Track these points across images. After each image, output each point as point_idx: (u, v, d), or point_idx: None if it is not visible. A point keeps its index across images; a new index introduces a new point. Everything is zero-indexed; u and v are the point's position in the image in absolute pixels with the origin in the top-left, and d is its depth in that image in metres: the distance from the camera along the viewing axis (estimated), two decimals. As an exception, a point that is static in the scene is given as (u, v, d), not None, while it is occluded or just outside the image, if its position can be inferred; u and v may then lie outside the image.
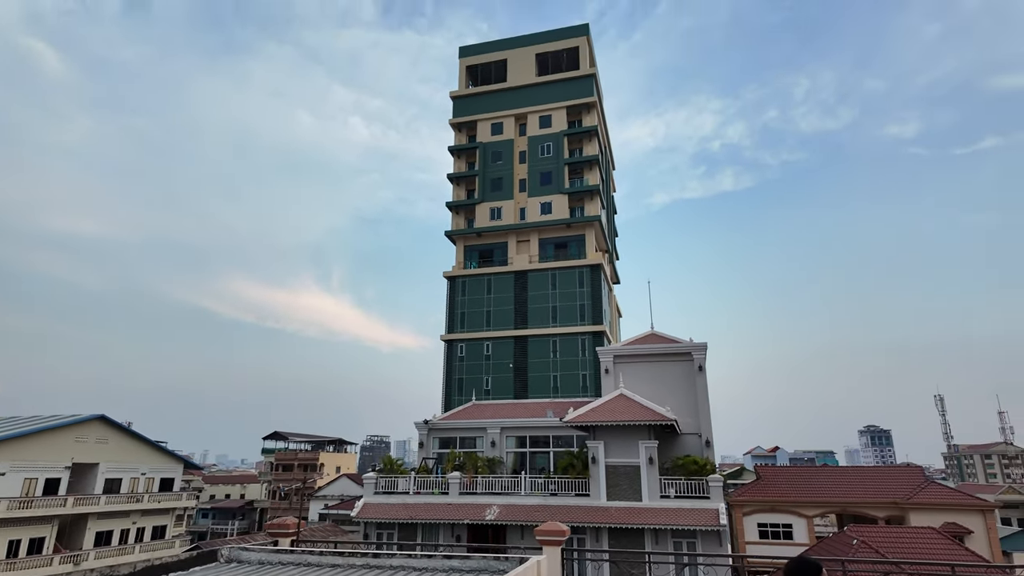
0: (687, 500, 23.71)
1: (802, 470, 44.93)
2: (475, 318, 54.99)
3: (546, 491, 25.63)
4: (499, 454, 30.10)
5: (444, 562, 7.31)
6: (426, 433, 31.38)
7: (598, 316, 52.43)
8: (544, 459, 30.26)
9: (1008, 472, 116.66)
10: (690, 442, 28.42)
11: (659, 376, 30.18)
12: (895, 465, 40.50)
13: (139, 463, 45.91)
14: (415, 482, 26.93)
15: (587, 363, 51.31)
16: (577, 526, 23.25)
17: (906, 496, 33.95)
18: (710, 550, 22.16)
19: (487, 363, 53.70)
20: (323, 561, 7.64)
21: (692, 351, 30.19)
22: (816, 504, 36.56)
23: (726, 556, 15.43)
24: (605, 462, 25.10)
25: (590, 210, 56.08)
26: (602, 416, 25.38)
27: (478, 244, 57.91)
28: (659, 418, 24.61)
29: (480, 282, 55.88)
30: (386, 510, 25.43)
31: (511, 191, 57.68)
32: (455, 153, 60.79)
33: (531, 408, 34.22)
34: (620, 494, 24.48)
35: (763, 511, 37.12)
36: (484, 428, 31.02)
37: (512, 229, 56.35)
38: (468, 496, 25.92)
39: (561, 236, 56.21)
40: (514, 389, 51.06)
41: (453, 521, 24.51)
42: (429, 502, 25.64)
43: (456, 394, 51.96)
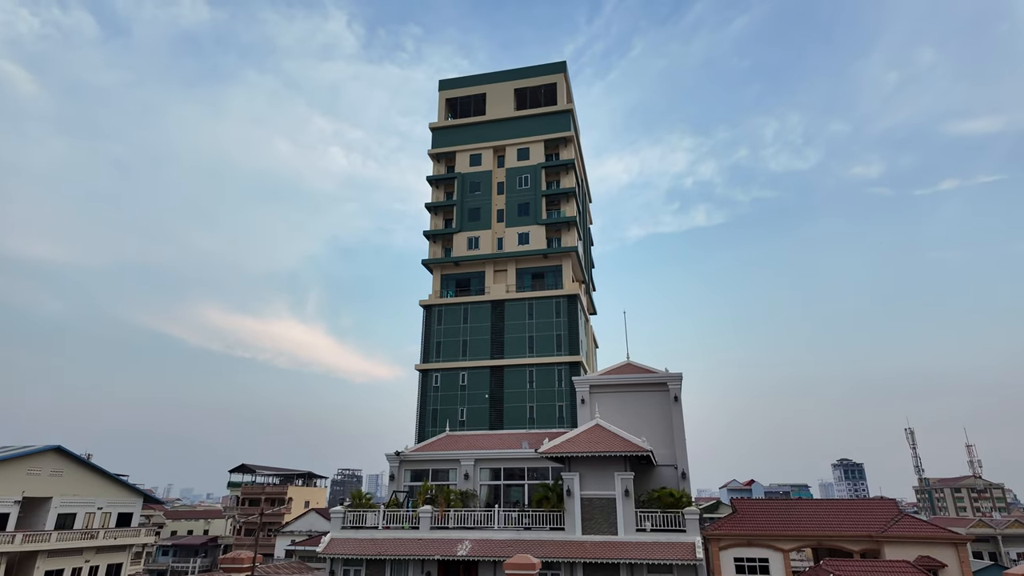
0: (663, 533, 23.29)
1: (778, 503, 44.57)
2: (451, 347, 54.41)
3: (520, 525, 24.95)
4: (472, 486, 29.36)
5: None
6: (397, 465, 30.52)
7: (575, 346, 52.29)
8: (519, 492, 29.60)
9: (977, 505, 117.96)
10: (666, 474, 28.11)
11: (635, 406, 29.97)
12: (869, 498, 40.60)
13: (96, 497, 43.74)
14: (384, 516, 26.02)
15: (564, 394, 50.92)
16: (551, 561, 22.59)
17: (880, 529, 33.83)
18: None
19: (462, 393, 52.94)
20: (275, 600, 7.15)
21: (668, 381, 30.11)
22: (792, 538, 36.18)
23: None
24: (580, 494, 24.60)
25: (567, 241, 56.46)
26: (578, 447, 24.97)
27: (455, 273, 57.70)
28: (635, 449, 24.30)
29: (456, 311, 55.50)
30: (353, 546, 24.42)
31: (489, 221, 57.89)
32: (433, 183, 61.01)
33: (506, 439, 33.63)
34: (595, 527, 23.94)
35: (740, 545, 36.55)
36: (457, 460, 30.30)
37: (489, 259, 56.35)
38: (439, 531, 25.08)
39: (538, 266, 56.34)
40: (490, 420, 50.31)
41: (423, 557, 23.62)
42: (398, 537, 24.73)
43: (430, 425, 50.96)
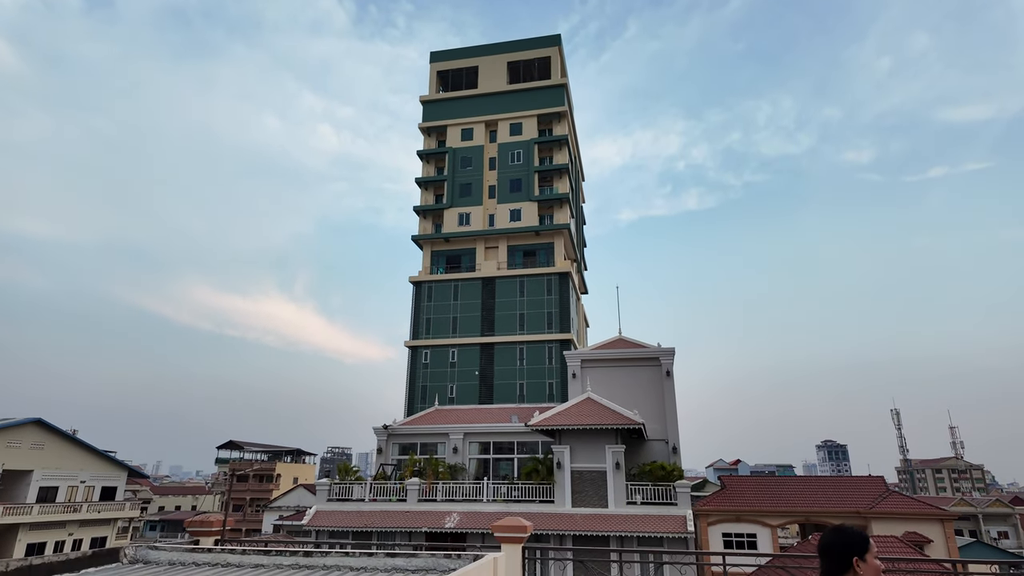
0: (654, 507, 23.08)
1: (767, 480, 44.86)
2: (441, 324, 53.87)
3: (509, 497, 24.67)
4: (461, 460, 29.03)
5: (385, 560, 6.36)
6: (385, 439, 30.10)
7: (566, 324, 51.93)
8: (508, 466, 29.32)
9: (957, 486, 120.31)
10: (657, 448, 27.89)
11: (627, 381, 29.65)
12: (858, 476, 40.96)
13: (79, 470, 43.11)
14: (371, 489, 25.64)
15: (554, 371, 50.66)
16: (541, 533, 22.33)
17: (868, 505, 34.01)
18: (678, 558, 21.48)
19: (452, 370, 52.55)
20: (245, 561, 6.60)
21: (660, 356, 29.78)
22: (781, 514, 36.36)
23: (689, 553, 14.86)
24: (571, 467, 24.31)
25: (559, 218, 55.77)
26: (569, 420, 24.62)
27: (445, 250, 56.93)
28: (627, 422, 23.98)
29: (447, 288, 54.85)
30: (339, 518, 24.05)
31: (480, 197, 57.01)
32: (424, 157, 59.90)
33: (495, 413, 33.27)
34: (586, 500, 23.69)
35: (728, 521, 36.71)
36: (446, 434, 29.93)
37: (480, 235, 55.60)
38: (427, 503, 24.76)
39: (530, 243, 55.68)
40: (479, 397, 50.03)
41: (411, 529, 23.30)
42: (385, 510, 24.38)
43: (420, 402, 50.59)
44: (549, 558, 7.68)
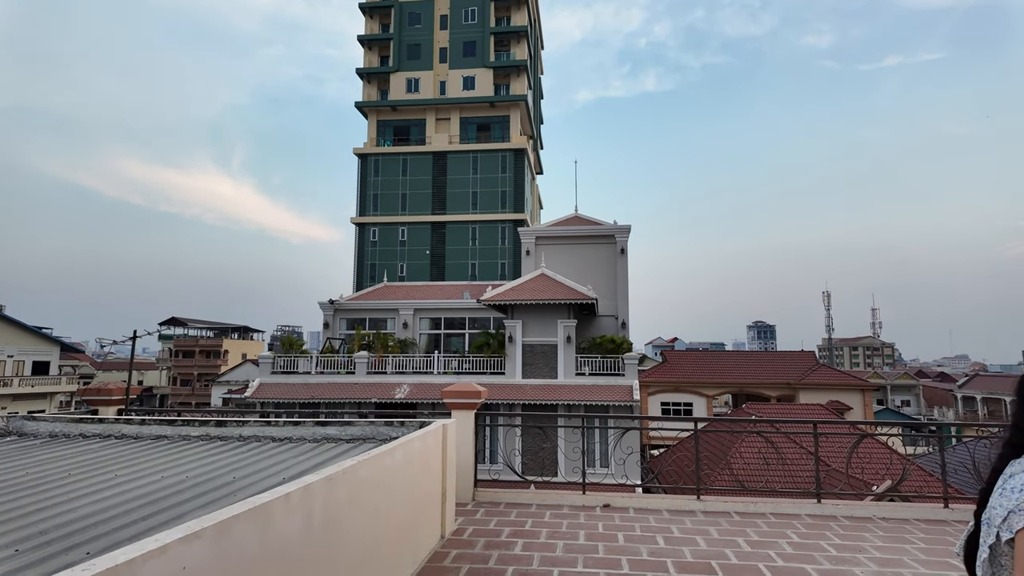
0: (602, 377, 23.50)
1: (706, 354, 47.29)
2: (389, 201, 51.38)
3: (460, 370, 24.61)
4: (412, 336, 28.60)
5: (315, 429, 5.45)
6: (332, 314, 29.13)
7: (520, 204, 50.43)
8: (459, 341, 29.13)
9: (870, 361, 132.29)
10: (607, 323, 28.08)
11: (581, 258, 29.13)
12: (790, 350, 43.60)
13: (4, 345, 40.85)
14: (318, 362, 25.03)
15: (507, 252, 49.92)
16: (491, 403, 22.55)
17: (798, 378, 36.34)
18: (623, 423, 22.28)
19: (402, 249, 51.02)
20: (144, 432, 5.57)
21: (615, 233, 29.14)
22: (717, 385, 38.60)
23: (632, 418, 15.23)
24: (522, 341, 24.22)
25: (516, 89, 52.17)
26: (522, 295, 24.12)
27: (393, 119, 52.97)
28: (580, 297, 23.68)
29: (395, 162, 51.71)
30: (284, 390, 23.55)
31: (430, 61, 52.29)
32: (367, 11, 53.74)
33: (447, 290, 32.58)
34: (536, 372, 23.89)
35: (667, 391, 38.84)
36: (396, 309, 29.16)
37: (431, 104, 51.70)
38: (377, 376, 24.46)
39: (484, 116, 52.31)
40: (431, 276, 49.16)
41: (360, 400, 23.10)
42: (333, 382, 23.97)
43: (368, 281, 49.34)
44: (499, 424, 7.35)
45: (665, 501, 6.09)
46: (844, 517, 5.66)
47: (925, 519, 5.58)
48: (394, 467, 3.96)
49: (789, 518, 5.63)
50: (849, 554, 4.59)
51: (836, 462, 14.83)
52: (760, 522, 5.48)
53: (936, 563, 4.40)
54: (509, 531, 5.16)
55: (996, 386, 50.90)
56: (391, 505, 3.86)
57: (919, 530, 5.24)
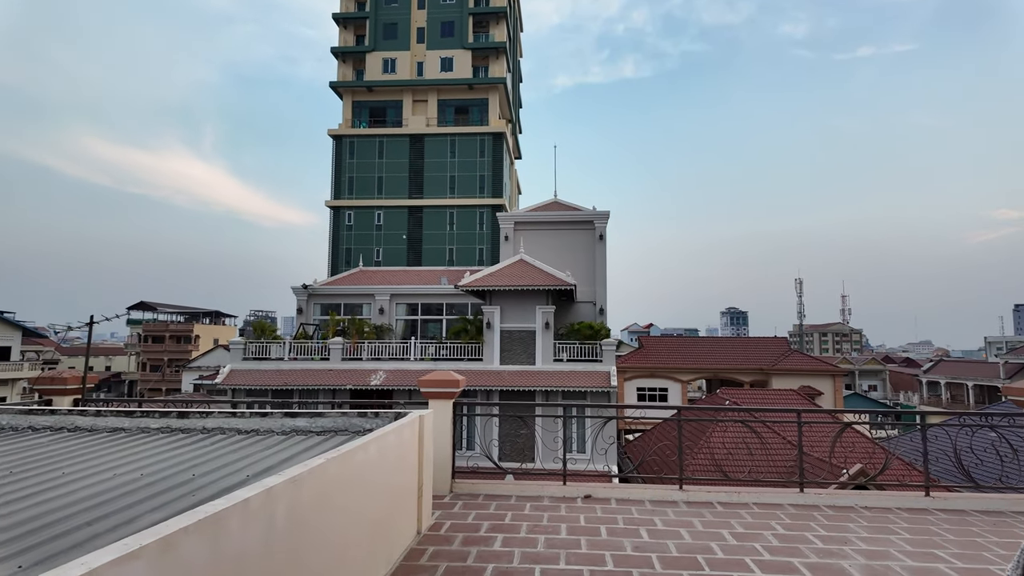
0: (580, 363, 23.47)
1: (681, 340, 47.75)
2: (365, 184, 50.43)
3: (438, 356, 24.36)
4: (388, 321, 28.20)
5: (283, 421, 5.17)
6: (306, 299, 28.54)
7: (498, 189, 49.96)
8: (436, 327, 28.83)
9: (839, 347, 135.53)
10: (585, 309, 28.06)
11: (559, 244, 28.99)
12: (764, 336, 44.26)
13: (-39, 331, 39.29)
14: (291, 348, 24.52)
15: (485, 237, 49.50)
16: (469, 389, 22.38)
17: (771, 363, 36.90)
18: (599, 410, 22.33)
19: (378, 233, 50.23)
20: (99, 424, 5.22)
21: (594, 219, 29.05)
22: (692, 370, 39.02)
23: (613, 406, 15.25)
24: (500, 327, 24.03)
25: (495, 71, 51.43)
26: (501, 280, 23.89)
27: (369, 100, 51.83)
28: (559, 283, 23.55)
29: (371, 144, 50.69)
30: (256, 376, 23.01)
31: (407, 41, 51.19)
32: (343, -12, 52.28)
33: (424, 275, 32.20)
34: (514, 358, 23.75)
35: (643, 376, 39.13)
36: (372, 295, 28.70)
37: (408, 86, 50.69)
38: (352, 362, 24.06)
39: (462, 99, 51.51)
40: (407, 261, 48.55)
41: (334, 387, 22.70)
42: (307, 368, 23.51)
43: (343, 265, 48.52)
44: (477, 414, 7.13)
45: (647, 491, 5.97)
46: (827, 507, 5.60)
47: (907, 508, 5.55)
48: (367, 463, 3.72)
49: (773, 508, 5.55)
50: (835, 546, 4.51)
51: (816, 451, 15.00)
52: (744, 512, 5.38)
53: (922, 555, 4.34)
54: (488, 525, 4.97)
55: (959, 371, 52.49)
56: (363, 504, 3.62)
57: (902, 519, 5.20)
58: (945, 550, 4.43)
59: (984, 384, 47.28)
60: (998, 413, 5.63)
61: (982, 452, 5.64)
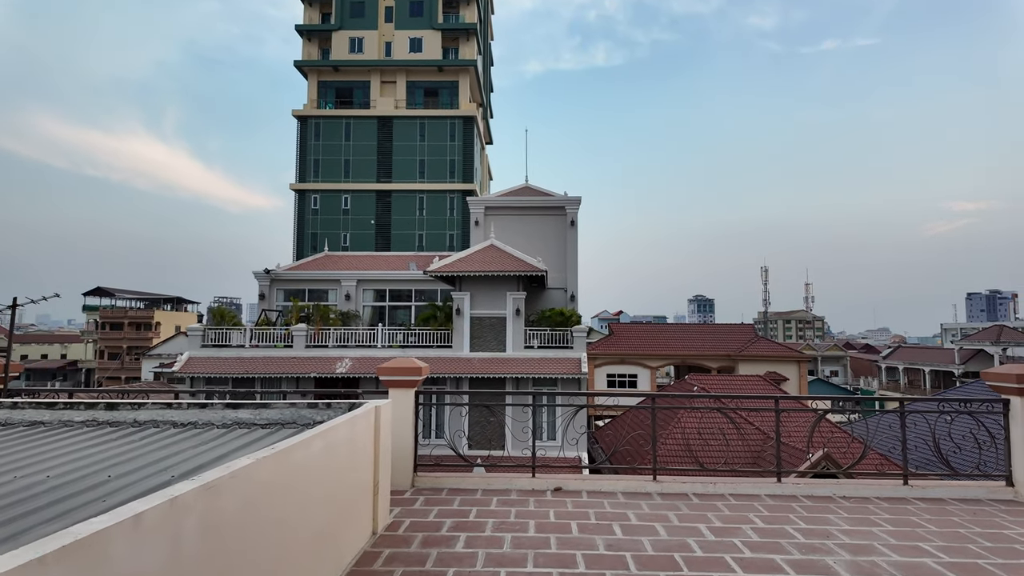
0: (551, 350, 23.25)
1: (651, 327, 48.08)
2: (331, 167, 49.15)
3: (406, 343, 23.83)
4: (355, 308, 27.49)
5: (225, 413, 4.69)
6: (268, 284, 27.61)
7: (469, 174, 49.26)
8: (405, 314, 28.26)
9: (802, 334, 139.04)
10: (556, 296, 27.81)
11: (530, 230, 28.61)
12: (731, 323, 44.94)
13: None
14: (252, 335, 23.67)
15: (455, 223, 48.85)
16: (437, 376, 21.98)
17: (738, 350, 37.38)
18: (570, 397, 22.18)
19: (345, 218, 49.09)
20: (15, 418, 4.66)
21: (566, 205, 28.74)
22: (661, 356, 39.30)
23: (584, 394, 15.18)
24: (470, 314, 23.60)
25: (465, 53, 50.49)
26: (471, 266, 23.42)
27: (335, 81, 50.39)
28: (530, 269, 23.20)
29: (337, 125, 49.36)
30: (216, 364, 22.14)
31: (375, 20, 49.82)
32: (307, -38, 50.46)
33: (392, 261, 31.49)
34: (484, 345, 23.38)
35: (613, 363, 39.26)
36: (338, 280, 27.92)
37: (376, 66, 49.42)
38: (317, 349, 23.36)
39: (432, 81, 50.48)
40: (376, 246, 47.60)
41: (298, 375, 22.02)
42: (269, 355, 22.73)
43: (309, 250, 47.32)
44: (445, 404, 6.83)
45: (620, 483, 5.68)
46: (805, 497, 5.40)
47: (886, 497, 5.38)
48: (310, 461, 3.29)
49: (750, 499, 5.31)
50: (818, 540, 4.27)
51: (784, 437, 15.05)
52: (720, 505, 5.13)
53: (908, 548, 4.13)
54: (451, 523, 4.60)
55: (916, 357, 54.24)
56: (305, 508, 3.20)
57: (883, 510, 5.01)
58: (930, 543, 4.24)
59: (940, 369, 48.94)
60: (978, 399, 5.49)
61: (960, 439, 5.50)
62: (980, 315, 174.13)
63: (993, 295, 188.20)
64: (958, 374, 46.01)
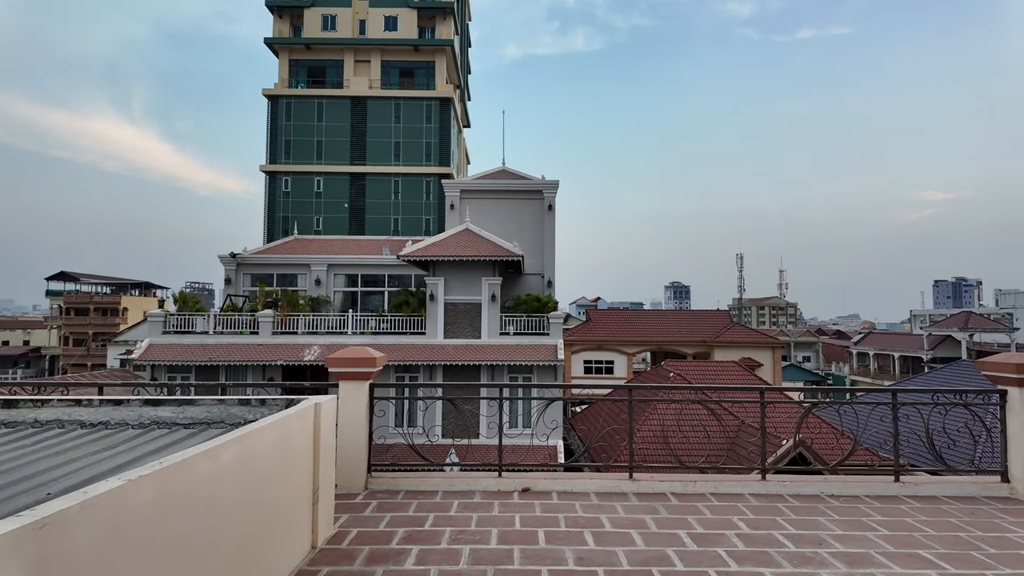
0: (527, 336, 22.81)
1: (627, 313, 48.04)
2: (303, 148, 47.74)
3: (378, 329, 23.16)
4: (326, 293, 26.68)
5: (143, 411, 4.09)
6: (234, 268, 26.61)
7: (446, 157, 48.28)
8: (378, 300, 27.53)
9: (775, 320, 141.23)
10: (533, 282, 27.36)
11: (507, 214, 28.03)
12: (707, 310, 45.08)
13: None
14: (217, 321, 22.75)
15: (432, 207, 47.94)
16: (410, 364, 21.42)
17: (714, 335, 37.44)
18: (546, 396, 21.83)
19: (318, 201, 47.83)
20: None
21: (543, 189, 28.20)
22: (637, 343, 39.22)
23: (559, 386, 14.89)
24: (444, 299, 23.00)
25: (442, 32, 49.27)
26: (445, 251, 22.79)
27: (307, 59, 48.80)
28: (506, 254, 22.66)
29: (309, 106, 47.89)
30: (178, 352, 21.24)
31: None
32: (277, -66, 48.51)
33: (364, 245, 30.67)
34: (459, 332, 22.84)
35: (590, 349, 39.08)
36: (307, 265, 27.04)
37: (349, 44, 47.95)
38: (284, 336, 22.57)
39: (407, 61, 49.21)
40: (349, 230, 46.50)
41: (265, 363, 21.24)
42: (234, 342, 21.87)
43: (280, 234, 45.95)
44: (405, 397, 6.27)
45: (593, 482, 5.23)
46: (791, 496, 5.01)
47: (877, 495, 5.02)
48: (223, 470, 2.74)
49: (733, 499, 4.91)
50: (809, 549, 3.86)
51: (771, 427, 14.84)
52: (702, 506, 4.71)
53: (907, 557, 3.74)
54: (403, 533, 4.09)
55: (886, 343, 55.22)
56: (218, 525, 2.66)
57: (875, 511, 4.64)
58: (930, 549, 3.86)
59: (909, 355, 49.88)
60: (973, 390, 5.13)
61: (954, 432, 5.15)
62: (946, 302, 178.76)
63: (959, 282, 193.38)
64: (927, 359, 46.91)
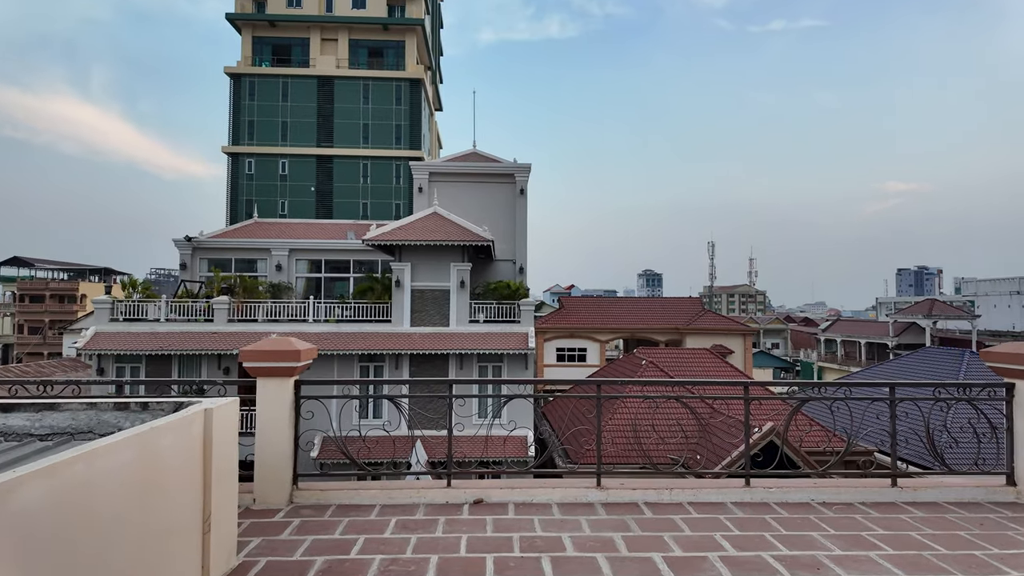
0: (497, 324, 22.16)
1: (600, 300, 47.76)
2: (267, 129, 45.96)
3: (341, 317, 22.23)
4: (287, 279, 25.58)
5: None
6: (190, 253, 25.30)
7: (416, 140, 47.02)
8: (343, 286, 26.54)
9: (744, 307, 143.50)
10: (504, 268, 26.68)
11: (478, 198, 27.22)
12: (679, 297, 45.07)
13: None
14: (170, 308, 21.53)
15: (402, 191, 46.71)
16: (375, 353, 20.57)
17: (686, 323, 37.33)
18: (516, 373, 21.23)
19: (283, 184, 46.20)
20: None
21: (515, 172, 27.44)
22: (610, 330, 38.89)
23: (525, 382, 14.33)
24: (411, 286, 22.17)
25: (412, 11, 47.78)
26: (412, 235, 21.91)
27: (271, 37, 46.87)
28: (475, 239, 21.90)
29: (274, 85, 46.05)
30: (127, 340, 20.00)
31: (315, -30, 46.35)
32: (238, -97, 46.26)
33: (328, 229, 29.53)
34: (426, 319, 22.06)
35: (563, 337, 38.61)
36: (268, 249, 25.87)
37: (315, 22, 46.18)
38: (242, 324, 21.48)
39: (376, 40, 47.63)
40: (316, 215, 45.06)
41: (220, 352, 20.17)
42: (187, 331, 20.72)
43: (243, 218, 44.36)
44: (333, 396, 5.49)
45: (556, 492, 4.57)
46: (779, 505, 4.43)
47: (873, 502, 4.48)
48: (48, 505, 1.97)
49: (714, 510, 4.30)
50: (807, 575, 3.26)
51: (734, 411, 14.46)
52: (679, 520, 4.09)
53: (920, 585, 3.17)
54: (322, 564, 3.37)
55: (853, 330, 56.14)
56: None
57: (874, 523, 4.08)
58: (947, 574, 3.29)
59: (875, 341, 50.75)
60: (976, 384, 4.61)
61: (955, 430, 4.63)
62: (909, 289, 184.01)
63: (921, 271, 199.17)
64: (892, 346, 47.75)
